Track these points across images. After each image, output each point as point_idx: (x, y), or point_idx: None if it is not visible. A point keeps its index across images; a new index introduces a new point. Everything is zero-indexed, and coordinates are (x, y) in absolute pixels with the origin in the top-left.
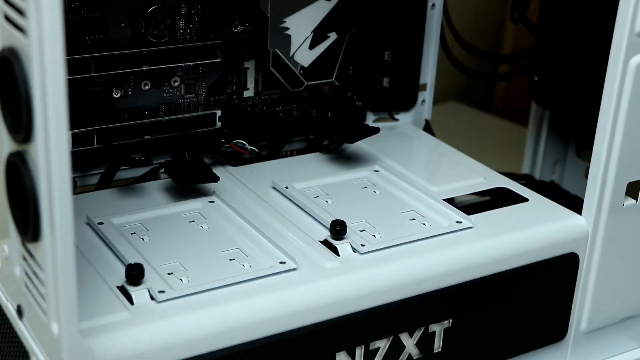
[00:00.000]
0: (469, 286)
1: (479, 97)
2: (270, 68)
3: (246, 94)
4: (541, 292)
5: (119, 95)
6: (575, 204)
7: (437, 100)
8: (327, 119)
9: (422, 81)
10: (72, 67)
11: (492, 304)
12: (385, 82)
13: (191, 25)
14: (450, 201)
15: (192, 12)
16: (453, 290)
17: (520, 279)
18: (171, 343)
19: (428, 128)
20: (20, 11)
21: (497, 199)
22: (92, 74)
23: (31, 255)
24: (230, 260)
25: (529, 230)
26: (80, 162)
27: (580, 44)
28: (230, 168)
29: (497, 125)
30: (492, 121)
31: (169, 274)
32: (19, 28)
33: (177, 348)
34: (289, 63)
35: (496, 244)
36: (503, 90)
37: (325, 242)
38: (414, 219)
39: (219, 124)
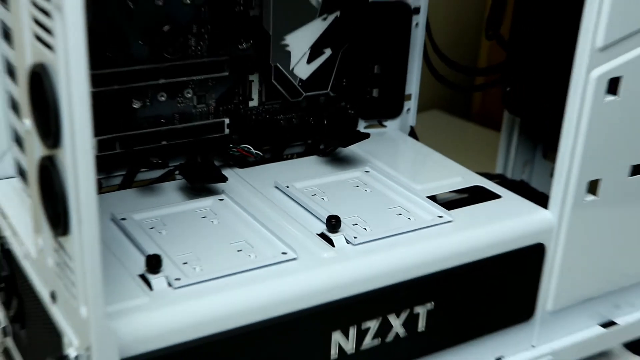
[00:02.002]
0: (449, 273)
1: (457, 106)
2: (273, 81)
3: (251, 103)
4: (512, 277)
5: (138, 105)
6: (542, 200)
7: (421, 109)
8: (323, 125)
9: (407, 92)
10: (96, 80)
11: (469, 288)
12: (375, 92)
13: (202, 43)
14: (433, 198)
15: (203, 31)
16: (435, 276)
17: (493, 266)
18: (186, 324)
19: (413, 134)
20: (48, 31)
21: (473, 196)
22: (114, 87)
23: (62, 247)
24: (238, 251)
25: (502, 224)
26: (105, 165)
27: (547, 58)
28: (237, 170)
29: (474, 131)
30: (469, 127)
31: (183, 263)
32: (48, 46)
33: (191, 329)
34: (289, 76)
35: (473, 236)
36: (479, 100)
37: (322, 235)
38: (400, 214)
39: (227, 131)
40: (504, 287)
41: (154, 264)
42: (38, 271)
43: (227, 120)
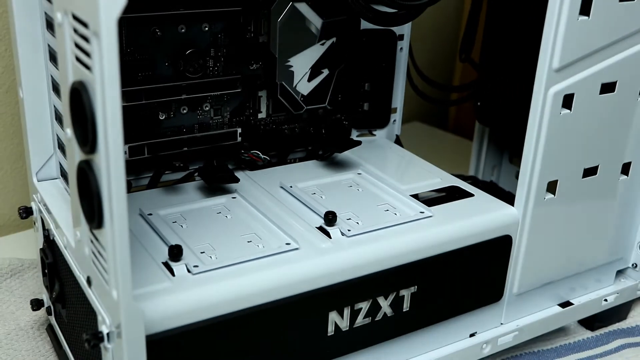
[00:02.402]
0: (430, 261)
1: (436, 118)
2: (278, 96)
3: (260, 115)
4: (483, 264)
5: (163, 117)
6: (509, 198)
7: (405, 120)
8: (322, 134)
9: (393, 105)
10: (128, 96)
11: (446, 274)
12: (366, 106)
13: (218, 64)
14: (415, 196)
15: (219, 54)
16: (417, 264)
17: (467, 255)
18: (203, 305)
19: (398, 141)
20: (87, 53)
21: (450, 194)
22: (143, 101)
23: (96, 238)
24: (248, 242)
25: (475, 218)
26: (135, 168)
27: (513, 77)
28: (247, 172)
29: (450, 139)
30: (445, 136)
31: (201, 252)
32: (86, 66)
33: (208, 309)
34: (292, 92)
35: (450, 229)
36: (454, 113)
37: (320, 228)
38: (387, 210)
39: (239, 139)
40: (476, 273)
41: (175, 253)
42: (76, 259)
43: (239, 130)
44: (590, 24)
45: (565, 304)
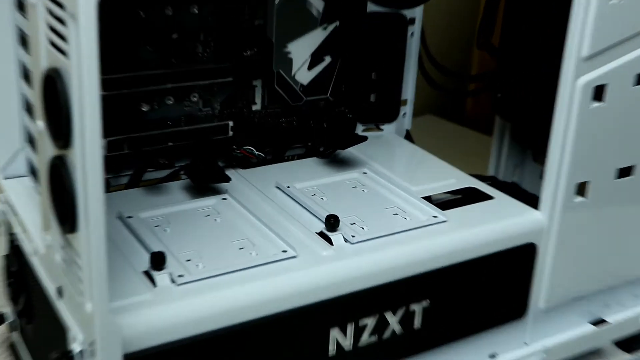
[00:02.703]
0: (444, 271)
1: (451, 111)
2: (275, 86)
3: (254, 107)
4: (505, 276)
5: (146, 108)
6: (533, 201)
7: (416, 113)
8: (323, 129)
9: (403, 97)
10: (107, 84)
11: (463, 286)
12: (372, 97)
13: (208, 50)
14: (428, 199)
15: (209, 39)
16: (430, 275)
17: (486, 265)
18: (188, 320)
19: (408, 137)
20: (63, 37)
21: (467, 197)
22: (124, 91)
23: (69, 244)
24: (240, 249)
25: (494, 224)
26: (114, 165)
27: (537, 66)
28: (240, 170)
29: (466, 134)
30: (462, 131)
31: (187, 260)
32: (62, 52)
33: (194, 325)
34: (290, 81)
35: (466, 235)
36: (471, 105)
37: (321, 234)
38: (396, 214)
39: (231, 133)
40: (496, 286)
41: (158, 261)
42: (46, 267)
43: (231, 123)
44: (624, 8)
45: (599, 322)
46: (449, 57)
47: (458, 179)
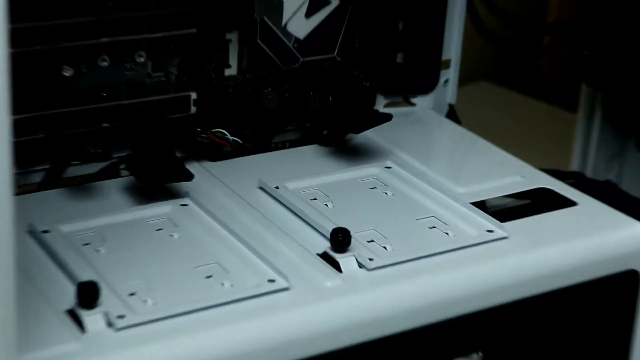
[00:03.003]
0: (503, 311)
1: (516, 77)
2: (258, 40)
3: (227, 72)
4: (593, 318)
5: (70, 73)
6: (636, 209)
7: (464, 80)
8: (328, 103)
9: (445, 57)
10: (15, 39)
11: (531, 333)
12: (400, 57)
13: None
14: (480, 205)
15: None
16: (483, 315)
17: (566, 302)
18: None
19: (452, 114)
20: None
21: (537, 202)
22: (38, 47)
23: None
24: (207, 277)
25: (578, 242)
26: (23, 155)
27: None
28: (207, 163)
29: (539, 111)
30: (532, 106)
31: (130, 294)
32: None
33: None
34: (280, 34)
35: (536, 259)
36: (545, 68)
37: (325, 256)
38: (434, 227)
39: (193, 109)
40: (580, 333)
41: (88, 295)
42: None
43: (193, 95)
44: None
45: None
46: None
47: (525, 176)
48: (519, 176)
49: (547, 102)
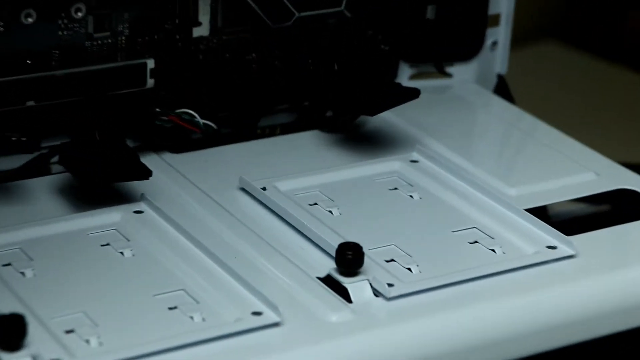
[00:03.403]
0: (569, 353)
1: (592, 35)
2: None
3: (197, 32)
4: None
5: None
6: None
7: (521, 40)
8: (333, 73)
9: (492, 10)
10: None
11: None
12: (430, 12)
13: None
14: (539, 212)
15: None
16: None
17: None
18: None
19: (502, 89)
20: None
21: (617, 208)
22: None
23: None
24: (171, 309)
25: None
26: None
27: None
28: (169, 156)
29: (624, 81)
30: (614, 74)
31: (67, 331)
32: None
33: None
34: None
35: (614, 285)
36: (637, 22)
37: (328, 280)
38: (475, 242)
39: (151, 82)
40: None
41: (11, 332)
42: None
43: (150, 63)
44: None
45: None
46: None
47: (600, 174)
48: (593, 173)
49: (634, 70)
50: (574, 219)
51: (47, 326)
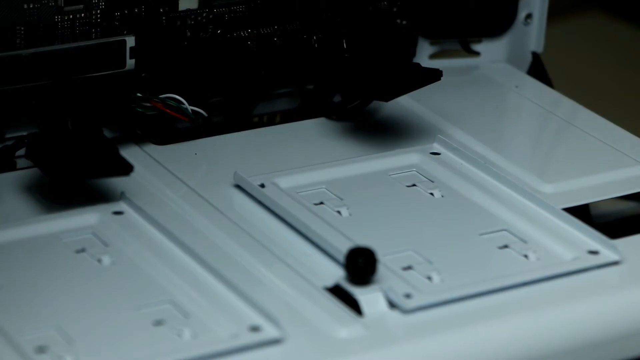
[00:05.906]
0: None
1: None
2: None
3: (183, 5)
4: None
5: None
6: None
7: (559, 12)
8: (341, 52)
9: None
10: None
11: None
12: None
13: None
14: (579, 212)
15: None
16: None
17: None
18: None
19: (538, 69)
20: None
21: None
22: None
23: None
24: (156, 324)
25: None
26: None
27: None
28: (153, 148)
29: None
30: None
31: (38, 351)
32: None
33: None
34: None
35: None
36: None
37: (337, 290)
38: (505, 247)
39: (130, 63)
40: None
41: None
42: None
43: (130, 41)
44: None
45: None
46: None
47: None
48: None
49: None
50: (619, 219)
51: (16, 344)
